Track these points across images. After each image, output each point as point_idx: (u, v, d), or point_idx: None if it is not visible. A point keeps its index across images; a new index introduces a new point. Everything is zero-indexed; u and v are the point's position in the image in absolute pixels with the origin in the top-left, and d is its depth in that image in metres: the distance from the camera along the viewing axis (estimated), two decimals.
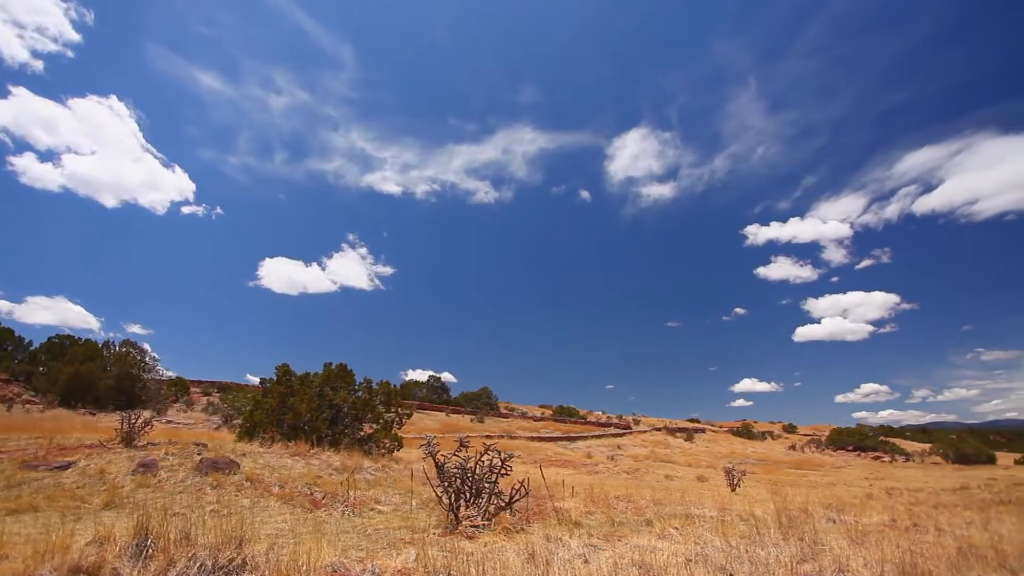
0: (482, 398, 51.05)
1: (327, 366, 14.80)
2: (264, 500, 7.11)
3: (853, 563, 4.55)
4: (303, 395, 13.18)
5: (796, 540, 5.46)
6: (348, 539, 5.35)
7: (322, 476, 9.17)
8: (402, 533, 5.70)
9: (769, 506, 7.92)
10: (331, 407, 13.58)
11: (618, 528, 6.40)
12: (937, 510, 10.21)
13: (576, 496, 9.02)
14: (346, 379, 14.73)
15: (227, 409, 28.12)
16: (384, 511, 7.22)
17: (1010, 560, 4.75)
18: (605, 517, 7.20)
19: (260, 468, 8.87)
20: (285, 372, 13.94)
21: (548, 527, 6.14)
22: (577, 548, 4.94)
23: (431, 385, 51.23)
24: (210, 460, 8.30)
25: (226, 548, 3.70)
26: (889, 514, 8.53)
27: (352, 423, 13.94)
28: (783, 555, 4.79)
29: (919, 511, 9.58)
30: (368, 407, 14.34)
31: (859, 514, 8.35)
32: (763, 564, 4.44)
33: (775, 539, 5.55)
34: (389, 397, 15.49)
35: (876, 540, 5.55)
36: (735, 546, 5.14)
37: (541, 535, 5.52)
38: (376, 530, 5.88)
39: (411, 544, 5.03)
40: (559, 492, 9.31)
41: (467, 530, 5.67)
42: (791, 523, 6.36)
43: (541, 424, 44.08)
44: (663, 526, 6.35)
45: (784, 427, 70.78)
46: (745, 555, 4.75)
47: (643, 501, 9.23)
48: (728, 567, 4.37)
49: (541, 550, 4.70)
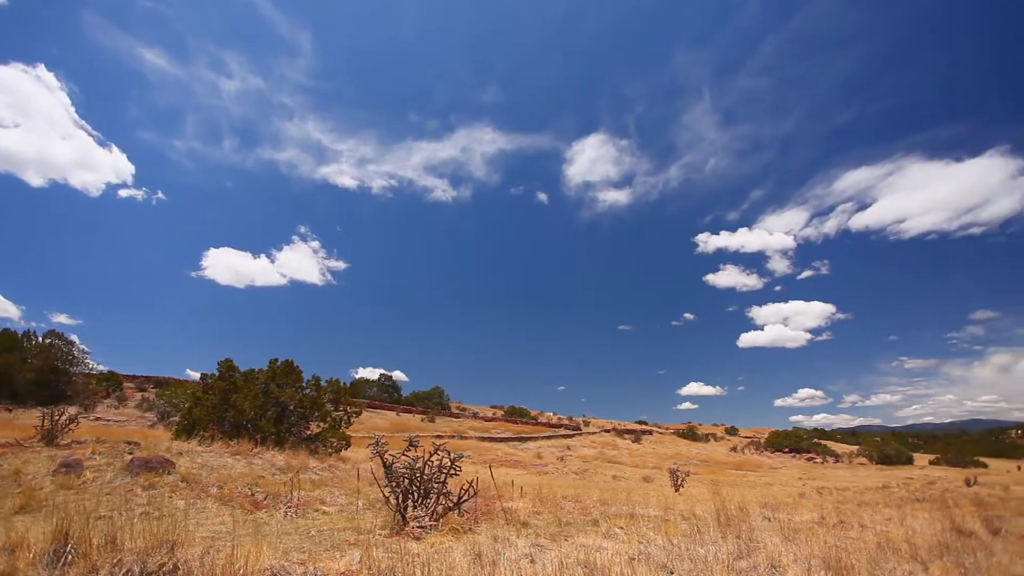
0: (434, 398, 50.58)
1: (273, 362, 14.31)
2: (201, 501, 6.80)
3: (784, 559, 4.79)
4: (247, 392, 12.69)
5: (734, 538, 5.69)
6: (290, 541, 5.19)
7: (265, 476, 8.86)
8: (347, 534, 5.58)
9: (710, 506, 8.21)
10: (277, 405, 13.14)
11: (565, 528, 6.49)
12: (861, 508, 10.88)
13: (525, 496, 9.08)
14: (293, 376, 14.30)
15: (164, 406, 26.68)
16: (329, 512, 7.04)
17: (921, 552, 5.13)
18: (553, 517, 7.28)
19: (198, 468, 8.48)
20: (228, 368, 13.38)
21: (496, 527, 6.15)
22: (524, 548, 4.98)
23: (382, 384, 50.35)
24: (142, 459, 7.86)
25: (156, 552, 3.51)
26: (819, 512, 9.01)
27: (298, 422, 13.54)
28: (721, 552, 4.99)
29: (845, 509, 10.17)
30: (316, 405, 13.96)
31: (792, 512, 8.79)
32: (702, 561, 4.60)
33: (714, 537, 5.77)
34: (338, 395, 15.14)
35: (806, 537, 5.86)
36: (676, 544, 5.31)
37: (489, 535, 5.53)
38: (320, 531, 5.73)
39: (356, 545, 4.93)
40: (508, 492, 9.35)
41: (414, 531, 5.61)
42: (729, 522, 6.62)
43: (492, 424, 44.11)
44: (609, 526, 6.48)
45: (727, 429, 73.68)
46: (686, 553, 4.91)
47: (590, 501, 9.39)
48: (669, 565, 4.51)
49: (488, 550, 4.71)
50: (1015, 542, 6.17)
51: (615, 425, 60.35)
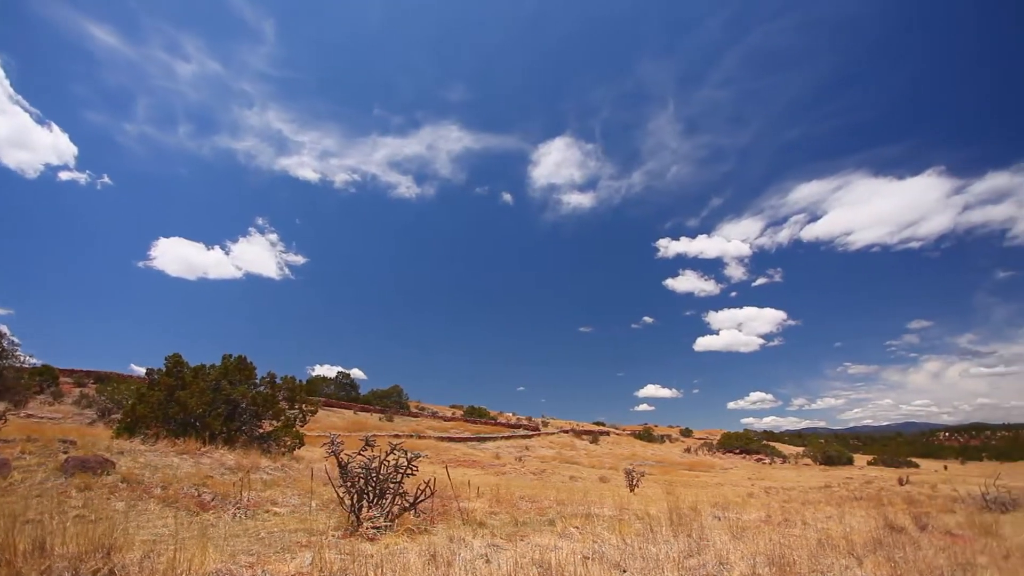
0: (392, 397, 49.88)
1: (226, 358, 13.81)
2: (143, 503, 6.49)
3: (732, 556, 4.96)
4: (196, 389, 12.20)
5: (685, 537, 5.86)
6: (238, 543, 5.01)
7: (213, 476, 8.54)
8: (299, 536, 5.44)
9: (663, 505, 8.42)
10: (228, 402, 12.69)
11: (521, 528, 6.52)
12: (805, 507, 11.37)
13: (482, 496, 9.07)
14: (246, 373, 13.83)
15: (105, 402, 25.31)
16: (281, 513, 6.85)
17: (857, 548, 5.41)
18: (509, 517, 7.31)
19: (140, 468, 8.10)
20: (176, 363, 12.83)
21: (452, 527, 6.12)
22: (480, 548, 4.97)
23: (339, 382, 49.25)
24: (78, 459, 7.44)
25: (90, 558, 3.33)
26: (766, 511, 9.37)
27: (251, 420, 13.11)
28: (672, 551, 5.12)
29: (790, 508, 10.62)
30: (270, 403, 13.55)
31: (741, 512, 9.11)
32: (654, 560, 4.72)
33: (666, 536, 5.92)
34: (293, 393, 14.75)
35: (753, 535, 6.09)
36: (630, 543, 5.42)
37: (444, 536, 5.50)
38: (270, 533, 5.57)
39: (308, 547, 4.81)
40: (465, 493, 9.32)
41: (368, 532, 5.52)
42: (681, 521, 6.81)
43: (451, 424, 43.86)
44: (564, 525, 6.55)
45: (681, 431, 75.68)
46: (638, 552, 5.02)
47: (547, 501, 9.47)
48: (622, 564, 4.60)
49: (443, 551, 4.68)
50: (940, 537, 6.59)
51: (573, 426, 61.02)
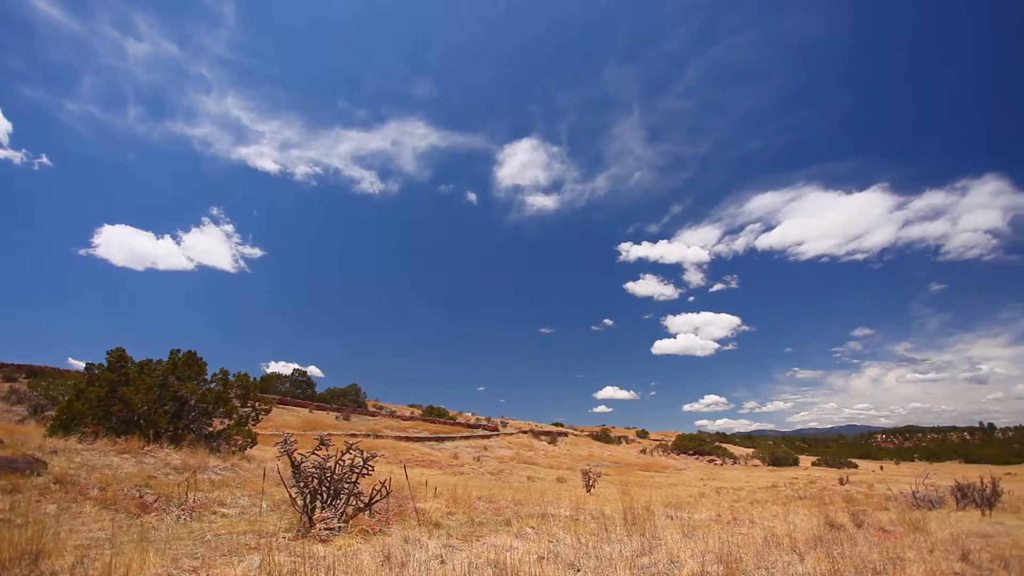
0: (349, 395, 48.86)
1: (174, 353, 13.24)
2: (77, 505, 6.14)
3: (683, 554, 5.10)
4: (141, 385, 11.64)
5: (638, 536, 5.98)
6: (181, 547, 4.81)
7: (157, 476, 8.17)
8: (247, 538, 5.26)
9: (618, 505, 8.57)
10: (176, 399, 12.16)
11: (478, 528, 6.51)
12: (753, 506, 11.81)
13: (439, 497, 9.01)
14: (196, 368, 13.29)
15: (38, 398, 23.80)
16: (229, 514, 6.61)
17: (799, 545, 5.66)
18: (466, 517, 7.28)
19: (76, 468, 7.66)
20: (120, 357, 12.20)
21: (408, 528, 6.06)
22: (435, 549, 4.94)
23: (295, 379, 47.92)
24: (6, 459, 6.97)
25: (16, 565, 3.13)
26: (716, 510, 9.67)
27: (200, 417, 12.60)
28: (626, 550, 5.22)
29: (739, 507, 11.00)
30: (221, 400, 13.06)
31: (693, 511, 9.37)
32: (607, 559, 4.80)
33: (620, 536, 6.03)
34: (247, 390, 14.26)
35: (703, 533, 6.28)
36: (584, 543, 5.49)
37: (399, 536, 5.44)
38: (217, 535, 5.37)
39: (256, 550, 4.67)
40: (422, 493, 9.24)
41: (321, 533, 5.40)
42: (635, 520, 6.94)
43: (410, 424, 43.39)
44: (520, 525, 6.58)
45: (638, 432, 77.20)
46: (592, 551, 5.10)
47: (504, 501, 9.49)
48: (576, 563, 4.66)
49: (398, 552, 4.63)
50: (874, 533, 6.96)
51: (532, 427, 61.37)
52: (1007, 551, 5.82)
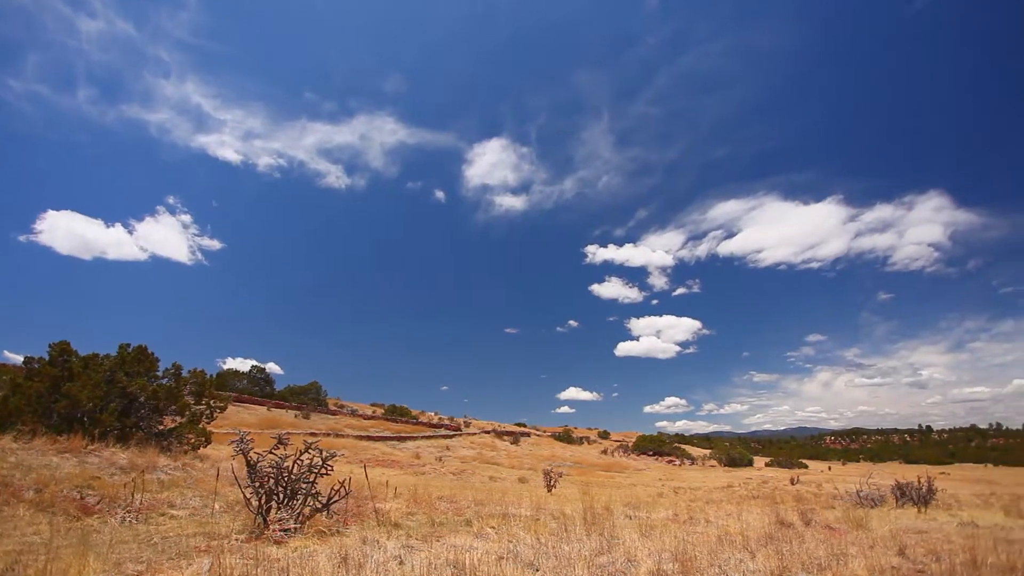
0: (310, 393, 47.75)
1: (124, 348, 12.65)
2: (10, 508, 5.79)
3: (640, 553, 5.20)
4: (87, 380, 11.08)
5: (597, 535, 6.06)
6: (125, 550, 4.60)
7: (101, 477, 7.80)
8: (198, 540, 5.08)
9: (578, 505, 8.67)
10: (124, 396, 11.62)
11: (438, 528, 6.47)
12: (709, 505, 12.13)
13: (399, 497, 8.92)
14: (147, 364, 12.74)
15: None
16: (179, 516, 6.37)
17: (751, 543, 5.85)
18: (426, 518, 7.23)
19: (9, 468, 7.24)
20: (62, 351, 11.58)
21: (366, 529, 5.98)
22: (393, 550, 4.89)
23: (253, 376, 46.48)
24: None
25: None
26: (673, 510, 9.89)
27: (150, 415, 12.09)
28: (584, 549, 5.29)
29: (695, 507, 11.28)
30: (173, 397, 12.56)
31: (651, 511, 9.56)
32: (566, 558, 4.84)
33: (580, 535, 6.10)
34: (201, 387, 13.76)
35: (660, 532, 6.41)
36: (544, 543, 5.53)
37: (358, 537, 5.36)
38: (165, 538, 5.16)
39: (206, 552, 4.52)
40: (382, 493, 9.12)
41: (276, 534, 5.26)
42: (595, 520, 7.04)
43: (371, 423, 42.76)
44: (481, 525, 6.58)
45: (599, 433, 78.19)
46: (552, 551, 5.14)
47: (465, 502, 9.46)
48: (535, 563, 4.69)
49: (355, 553, 4.56)
50: (821, 531, 7.26)
51: (495, 427, 61.39)
52: (939, 546, 6.21)
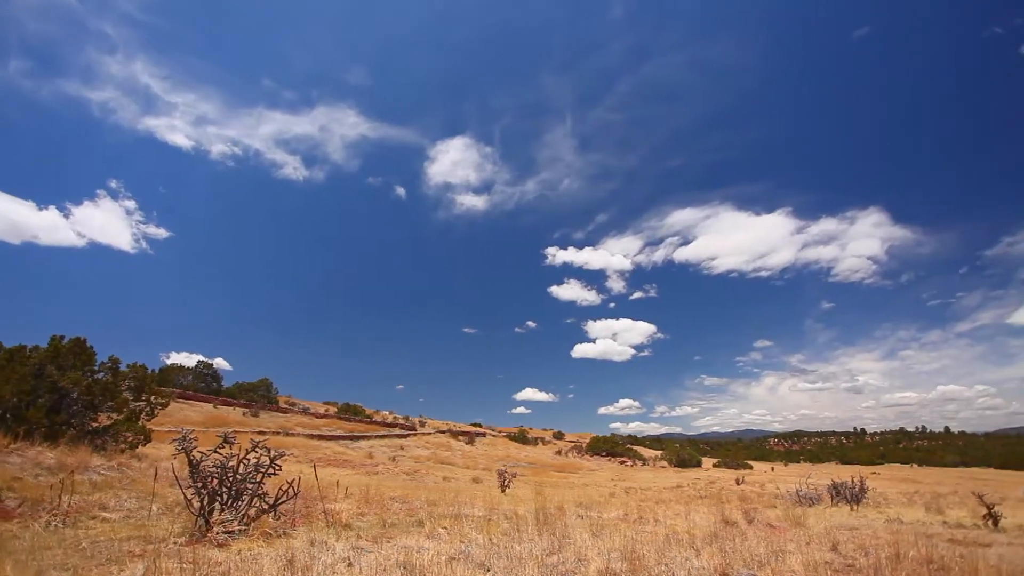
0: (260, 390, 46.10)
1: (55, 339, 11.87)
2: None
3: (590, 552, 5.28)
4: (12, 374, 10.35)
5: (549, 535, 6.12)
6: (49, 557, 4.31)
7: (24, 478, 7.30)
8: (132, 544, 4.82)
9: (531, 505, 8.72)
10: (55, 391, 10.91)
11: (389, 529, 6.38)
12: (658, 505, 12.43)
13: (351, 497, 8.74)
14: (83, 357, 12.00)
15: None
16: (112, 519, 6.03)
17: (697, 541, 6.04)
18: (378, 518, 7.12)
19: None
20: None
21: (315, 530, 5.83)
22: (343, 551, 4.79)
23: (199, 372, 44.51)
24: None
25: None
26: (624, 510, 10.09)
27: (84, 411, 11.39)
28: (536, 549, 5.32)
29: (645, 506, 11.54)
30: (110, 393, 11.88)
31: (602, 510, 9.71)
32: (517, 558, 4.87)
33: (532, 535, 6.14)
34: (141, 382, 13.08)
35: (610, 532, 6.53)
36: (496, 543, 5.54)
37: (306, 539, 5.22)
38: (95, 543, 4.87)
39: (141, 557, 4.29)
40: (333, 493, 8.92)
41: (219, 537, 5.06)
42: (547, 520, 7.10)
43: (323, 421, 41.71)
44: (433, 526, 6.53)
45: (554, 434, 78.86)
46: (504, 551, 5.15)
47: (418, 502, 9.37)
48: (487, 563, 4.69)
49: (302, 555, 4.44)
50: (762, 529, 7.58)
51: (450, 426, 61.02)
52: (867, 541, 6.61)
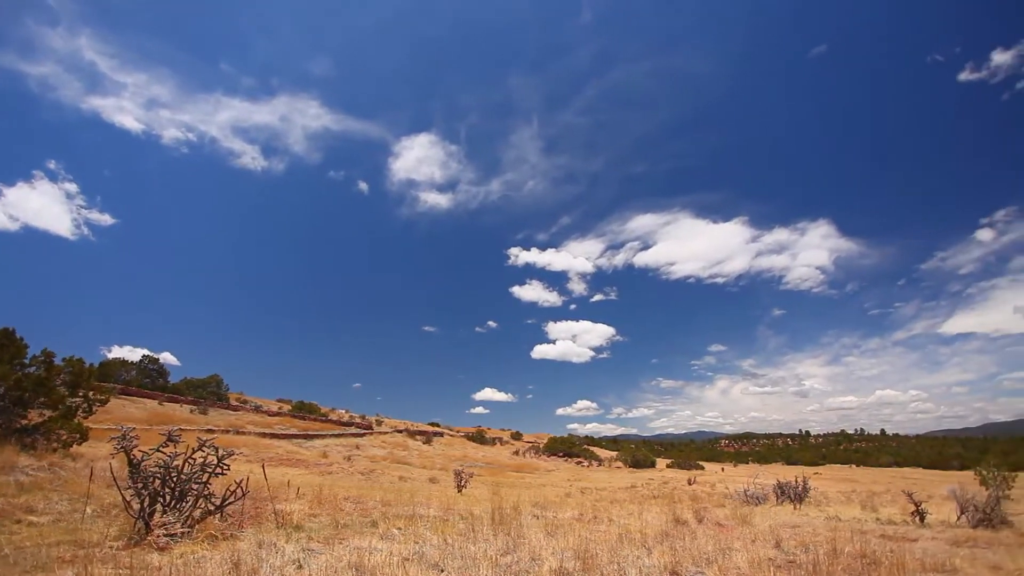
0: (209, 387, 44.33)
1: None
2: None
3: (544, 552, 5.32)
4: None
5: (504, 535, 6.12)
6: None
7: None
8: (62, 549, 4.54)
9: (487, 505, 8.71)
10: None
11: (342, 530, 6.25)
12: (612, 505, 12.64)
13: (303, 498, 8.51)
14: (13, 350, 11.25)
15: None
16: (40, 523, 5.67)
17: (648, 540, 6.18)
18: (330, 519, 6.95)
19: None
20: None
21: (264, 532, 5.64)
22: (292, 553, 4.65)
23: (144, 367, 42.34)
24: None
25: None
26: (579, 510, 10.21)
27: (11, 408, 10.67)
28: (490, 549, 5.32)
29: (600, 506, 11.71)
30: (42, 388, 11.17)
31: (558, 510, 9.80)
32: (472, 559, 4.85)
33: (487, 535, 6.13)
34: (78, 377, 12.36)
35: (565, 532, 6.59)
36: (451, 543, 5.51)
37: (254, 541, 5.05)
38: (19, 549, 4.55)
39: (72, 563, 4.05)
40: (285, 493, 8.67)
41: (159, 540, 4.83)
42: (502, 520, 7.10)
43: (276, 420, 40.47)
44: (387, 526, 6.44)
45: (512, 434, 79.16)
46: (458, 551, 5.12)
47: (372, 502, 9.21)
48: (440, 564, 4.65)
49: (249, 558, 4.29)
50: (711, 527, 7.81)
51: (408, 426, 60.34)
52: (808, 538, 6.93)
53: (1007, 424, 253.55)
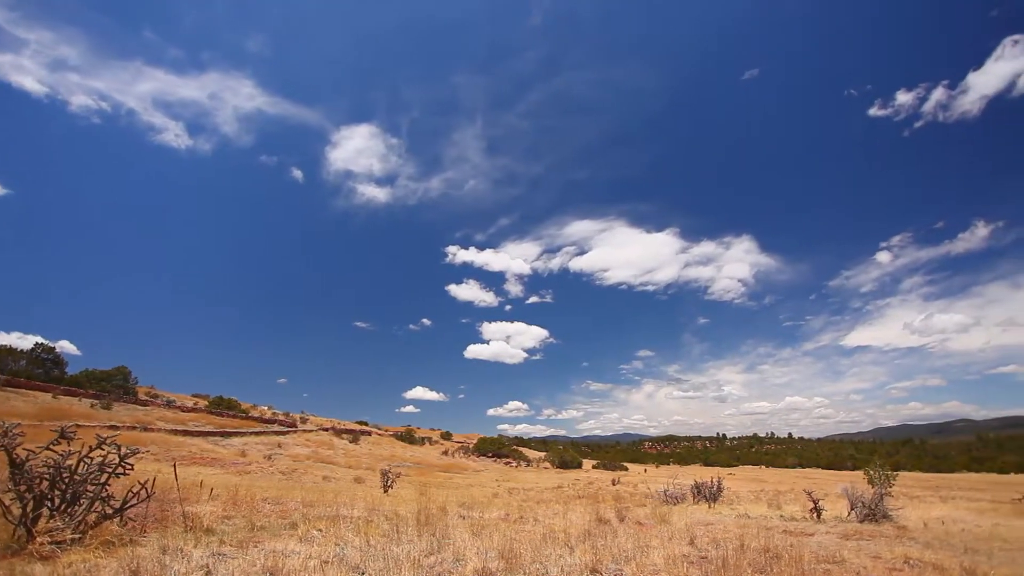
0: (115, 379, 40.71)
1: None
2: None
3: (469, 552, 5.31)
4: None
5: (429, 536, 6.06)
6: None
7: None
8: None
9: (414, 506, 8.58)
10: None
11: (258, 533, 5.93)
12: (539, 505, 12.83)
13: (216, 499, 8.01)
14: None
15: None
16: None
17: (572, 539, 6.32)
18: (245, 521, 6.58)
19: None
20: None
21: (170, 537, 5.25)
22: (200, 559, 4.36)
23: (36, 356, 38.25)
24: None
25: None
26: (506, 510, 10.27)
27: None
28: (414, 550, 5.24)
29: (527, 506, 11.85)
30: None
31: (484, 511, 9.81)
32: (395, 560, 4.76)
33: (411, 536, 6.04)
34: None
35: (491, 532, 6.61)
36: (374, 545, 5.38)
37: (157, 547, 4.69)
38: None
39: None
40: (196, 495, 8.13)
41: (44, 548, 4.37)
42: (428, 521, 7.03)
43: (191, 416, 37.91)
44: (308, 528, 6.19)
45: (442, 434, 78.48)
46: (381, 553, 5.01)
47: (293, 503, 8.83)
48: (362, 566, 4.53)
49: (151, 565, 3.99)
50: (632, 526, 8.12)
51: (335, 424, 58.40)
52: (719, 535, 7.37)
53: (893, 428, 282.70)
